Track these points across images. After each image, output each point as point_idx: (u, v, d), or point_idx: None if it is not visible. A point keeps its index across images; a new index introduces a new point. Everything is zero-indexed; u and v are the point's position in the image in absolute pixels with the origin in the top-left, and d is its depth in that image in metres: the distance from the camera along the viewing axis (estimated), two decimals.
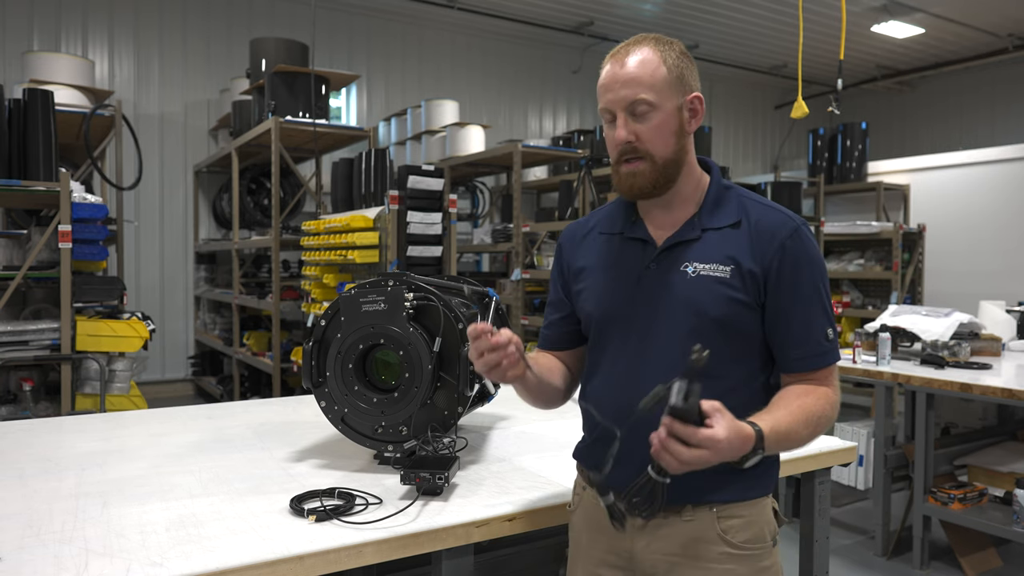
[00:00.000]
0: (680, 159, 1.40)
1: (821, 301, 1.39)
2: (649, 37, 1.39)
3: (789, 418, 1.31)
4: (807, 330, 1.37)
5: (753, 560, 1.37)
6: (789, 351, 1.39)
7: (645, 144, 1.37)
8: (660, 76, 1.35)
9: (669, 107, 1.36)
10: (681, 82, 1.38)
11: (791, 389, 1.39)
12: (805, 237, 1.38)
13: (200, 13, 8.47)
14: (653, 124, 1.36)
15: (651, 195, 1.41)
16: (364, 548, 1.35)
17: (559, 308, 1.59)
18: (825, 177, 8.90)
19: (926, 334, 3.90)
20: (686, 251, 1.39)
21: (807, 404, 1.34)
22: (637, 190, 1.40)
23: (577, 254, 1.55)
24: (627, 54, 1.37)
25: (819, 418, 1.35)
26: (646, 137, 1.36)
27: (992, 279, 7.77)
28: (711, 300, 1.35)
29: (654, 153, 1.37)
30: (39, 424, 2.25)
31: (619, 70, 1.36)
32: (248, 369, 6.97)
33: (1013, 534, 3.25)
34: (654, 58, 1.36)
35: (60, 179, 3.98)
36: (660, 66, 1.36)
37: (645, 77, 1.35)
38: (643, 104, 1.35)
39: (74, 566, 1.22)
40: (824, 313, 1.39)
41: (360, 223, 4.64)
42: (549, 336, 1.61)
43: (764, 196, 1.91)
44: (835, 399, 1.39)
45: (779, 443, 1.30)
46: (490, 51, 10.42)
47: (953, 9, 9.30)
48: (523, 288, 6.51)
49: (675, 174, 1.40)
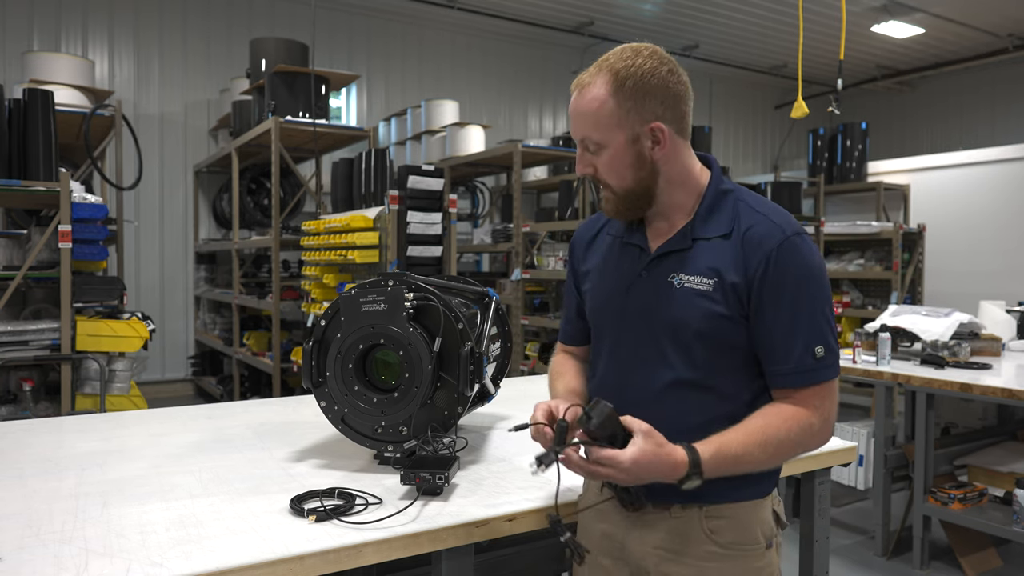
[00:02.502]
0: (647, 186, 1.38)
1: (810, 316, 1.32)
2: (609, 61, 1.35)
3: (742, 442, 1.29)
4: (788, 346, 1.32)
5: (743, 560, 1.38)
6: (770, 366, 1.35)
7: (602, 176, 1.39)
8: (606, 113, 1.33)
9: (618, 142, 1.34)
10: (635, 113, 1.33)
11: (764, 410, 1.35)
12: (796, 248, 1.32)
13: (200, 13, 8.47)
14: (604, 160, 1.37)
15: (626, 217, 1.43)
16: (364, 548, 1.35)
17: (574, 304, 1.64)
18: (825, 177, 8.90)
19: (926, 334, 3.90)
20: (676, 261, 1.39)
21: (770, 429, 1.31)
22: (611, 213, 1.44)
23: (586, 255, 1.58)
24: (580, 87, 1.37)
25: (781, 443, 1.31)
26: (601, 171, 1.39)
27: (992, 279, 7.77)
28: (693, 313, 1.34)
29: (611, 184, 1.39)
30: (39, 424, 2.25)
31: (572, 105, 1.38)
32: (248, 369, 6.97)
33: (1013, 534, 3.25)
34: (602, 94, 1.33)
35: (60, 179, 3.97)
36: (607, 101, 1.33)
37: (591, 115, 1.35)
38: (591, 142, 1.37)
39: (74, 566, 1.22)
40: (813, 329, 1.32)
41: (360, 223, 4.64)
42: (568, 331, 1.67)
43: (764, 196, 1.91)
44: (813, 422, 1.32)
45: (728, 467, 1.29)
46: (490, 51, 10.42)
47: (953, 9, 9.30)
48: (523, 288, 6.51)
49: (644, 200, 1.40)
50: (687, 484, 1.26)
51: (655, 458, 1.23)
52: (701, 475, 1.26)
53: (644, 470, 1.23)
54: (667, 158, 1.37)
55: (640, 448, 1.22)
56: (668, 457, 1.24)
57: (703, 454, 1.26)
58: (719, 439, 1.29)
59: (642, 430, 1.24)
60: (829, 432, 1.37)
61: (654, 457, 1.23)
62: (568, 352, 1.69)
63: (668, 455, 1.24)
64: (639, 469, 1.22)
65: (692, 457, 1.25)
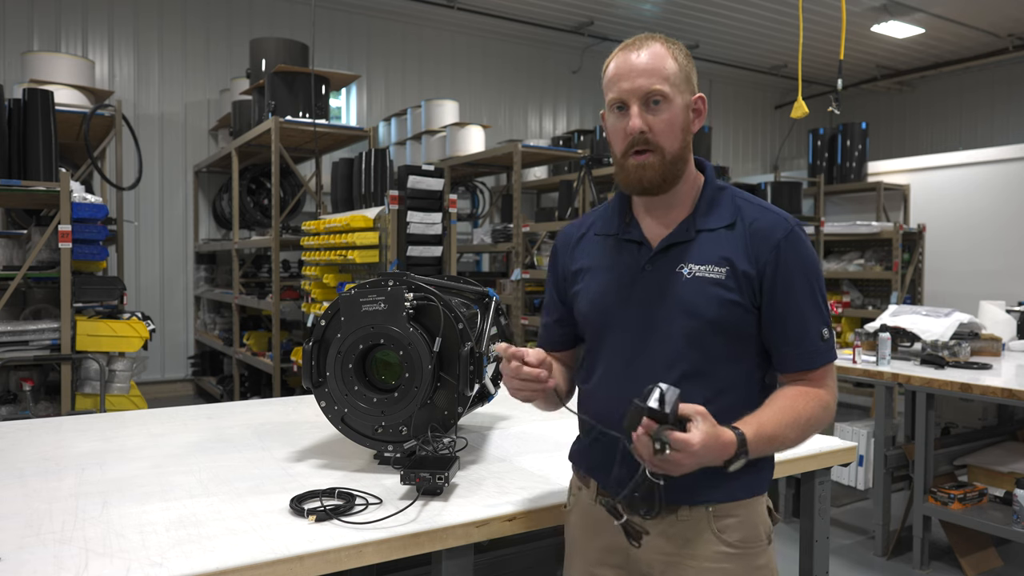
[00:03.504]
0: (686, 156, 1.41)
1: (816, 302, 1.39)
2: (656, 36, 1.40)
3: (776, 422, 1.32)
4: (802, 330, 1.38)
5: (748, 559, 1.38)
6: (784, 351, 1.39)
7: (657, 136, 1.36)
8: (673, 71, 1.36)
9: (680, 102, 1.37)
10: (688, 81, 1.39)
11: (784, 391, 1.40)
12: (800, 238, 1.39)
13: (200, 13, 8.46)
14: (665, 117, 1.36)
15: (659, 190, 1.39)
16: (364, 548, 1.35)
17: (553, 311, 1.61)
18: (825, 177, 8.90)
19: (926, 334, 3.90)
20: (681, 252, 1.40)
21: (797, 407, 1.35)
22: (647, 183, 1.37)
23: (573, 257, 1.55)
24: (640, 47, 1.37)
25: (808, 421, 1.35)
26: (659, 129, 1.36)
27: (992, 279, 7.77)
28: (706, 301, 1.35)
29: (664, 146, 1.36)
30: (39, 424, 2.25)
31: (635, 60, 1.36)
32: (248, 369, 6.97)
33: (1013, 534, 3.25)
34: (666, 53, 1.37)
35: (60, 179, 3.97)
36: (672, 61, 1.37)
37: (660, 69, 1.35)
38: (658, 95, 1.35)
39: (74, 566, 1.22)
40: (819, 313, 1.39)
41: (360, 223, 4.64)
42: (546, 337, 1.63)
43: (764, 196, 1.92)
44: (828, 400, 1.40)
45: (765, 447, 1.31)
46: (490, 51, 10.42)
47: (953, 9, 9.30)
48: (523, 288, 6.51)
49: (680, 171, 1.40)
50: (734, 464, 1.25)
51: (714, 440, 1.22)
52: (747, 454, 1.26)
53: (709, 451, 1.20)
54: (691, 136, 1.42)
55: (704, 430, 1.20)
56: (722, 437, 1.23)
57: (747, 433, 1.27)
58: (756, 419, 1.30)
59: (699, 412, 1.21)
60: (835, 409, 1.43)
61: (714, 439, 1.22)
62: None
63: (722, 435, 1.24)
64: (706, 451, 1.19)
65: (739, 436, 1.26)
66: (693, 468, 1.22)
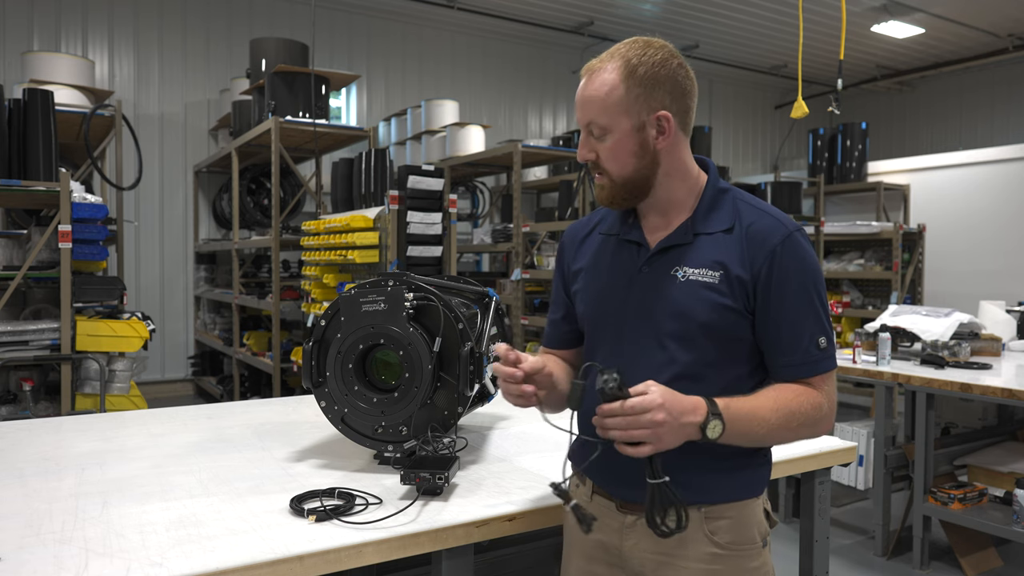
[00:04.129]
0: (646, 176, 1.39)
1: (814, 309, 1.36)
2: (621, 50, 1.37)
3: (753, 400, 1.32)
4: (796, 338, 1.36)
5: (741, 560, 1.38)
6: (778, 359, 1.38)
7: (602, 163, 1.40)
8: (615, 99, 1.34)
9: (624, 128, 1.35)
10: (643, 101, 1.35)
11: (772, 385, 1.39)
12: (798, 244, 1.36)
13: (200, 13, 8.46)
14: (607, 146, 1.37)
15: (621, 206, 1.43)
16: (364, 548, 1.35)
17: (560, 307, 1.61)
18: (825, 177, 8.90)
19: (926, 334, 3.90)
20: (677, 255, 1.39)
21: (781, 396, 1.34)
22: (605, 201, 1.43)
23: (577, 254, 1.56)
24: (590, 72, 1.38)
25: (793, 413, 1.33)
26: (603, 157, 1.39)
27: (992, 279, 7.77)
28: (698, 305, 1.35)
29: (611, 172, 1.39)
30: (39, 424, 2.25)
31: (580, 91, 1.39)
32: (248, 369, 6.97)
33: (1013, 534, 3.25)
34: (613, 79, 1.34)
35: (60, 179, 3.97)
36: (617, 87, 1.34)
37: (598, 100, 1.35)
38: (596, 127, 1.37)
39: (74, 566, 1.22)
40: (816, 321, 1.36)
41: (360, 223, 4.64)
42: (552, 335, 1.63)
43: (764, 196, 1.93)
44: (821, 402, 1.36)
45: (743, 420, 1.29)
46: (490, 51, 10.42)
47: (953, 9, 9.30)
48: (523, 288, 6.51)
49: (641, 190, 1.40)
50: (711, 428, 1.25)
51: (674, 396, 1.23)
52: (721, 417, 1.25)
53: (675, 407, 1.22)
54: (668, 150, 1.39)
55: (662, 390, 1.22)
56: (685, 396, 1.25)
57: (718, 401, 1.27)
58: (729, 397, 1.30)
59: (648, 383, 1.24)
60: (833, 419, 1.40)
61: (674, 395, 1.23)
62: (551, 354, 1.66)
63: (684, 397, 1.25)
64: (671, 406, 1.21)
65: (708, 400, 1.26)
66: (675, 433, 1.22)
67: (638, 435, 1.21)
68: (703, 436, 1.25)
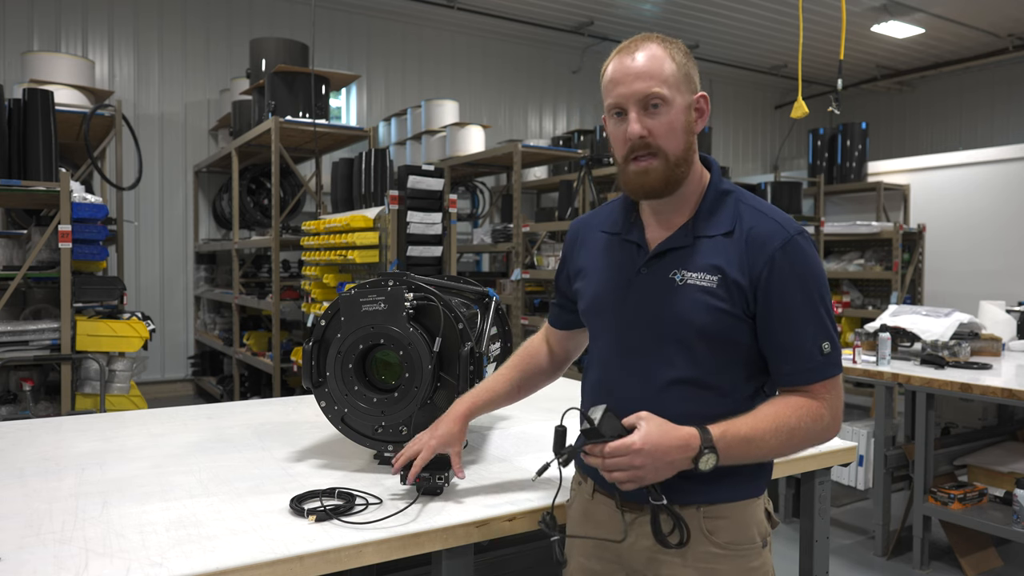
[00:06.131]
0: (689, 158, 1.38)
1: (816, 313, 1.33)
2: (653, 36, 1.37)
3: (752, 425, 1.30)
4: (798, 343, 1.33)
5: (739, 560, 1.37)
6: (781, 365, 1.36)
7: (658, 140, 1.33)
8: (670, 71, 1.33)
9: (680, 103, 1.34)
10: (688, 80, 1.36)
11: (772, 399, 1.37)
12: (799, 247, 1.33)
13: (200, 13, 8.46)
14: (665, 120, 1.33)
15: (662, 194, 1.37)
16: (364, 548, 1.35)
17: (559, 295, 1.67)
18: (825, 177, 8.90)
19: (926, 334, 3.90)
20: (677, 258, 1.38)
21: (780, 414, 1.32)
22: (648, 188, 1.36)
23: (580, 252, 1.57)
24: (636, 49, 1.35)
25: (793, 430, 1.31)
26: (659, 133, 1.33)
27: (992, 279, 7.77)
28: (695, 309, 1.34)
29: (666, 150, 1.34)
30: (39, 424, 2.25)
31: (631, 64, 1.33)
32: (248, 369, 6.97)
33: (1013, 534, 3.25)
34: (663, 54, 1.34)
35: (60, 179, 3.97)
36: (670, 62, 1.34)
37: (657, 71, 1.32)
38: (656, 98, 1.32)
39: (74, 566, 1.22)
40: (819, 326, 1.33)
41: (360, 223, 4.64)
42: (556, 315, 1.70)
43: (764, 196, 1.92)
44: (823, 414, 1.34)
45: (741, 448, 1.29)
46: (490, 51, 10.42)
47: (953, 9, 9.30)
48: (523, 288, 6.51)
49: (684, 173, 1.37)
50: (703, 461, 1.25)
51: (664, 435, 1.24)
52: (715, 450, 1.26)
53: (659, 449, 1.23)
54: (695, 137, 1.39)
55: (646, 429, 1.24)
56: (676, 431, 1.25)
57: (712, 430, 1.27)
58: (727, 422, 1.30)
59: (641, 416, 1.27)
60: (838, 427, 1.38)
61: (663, 435, 1.24)
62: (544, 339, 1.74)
63: (675, 429, 1.26)
64: (654, 449, 1.23)
65: (702, 431, 1.26)
66: (658, 471, 1.25)
67: (618, 476, 1.25)
68: (696, 468, 1.26)
